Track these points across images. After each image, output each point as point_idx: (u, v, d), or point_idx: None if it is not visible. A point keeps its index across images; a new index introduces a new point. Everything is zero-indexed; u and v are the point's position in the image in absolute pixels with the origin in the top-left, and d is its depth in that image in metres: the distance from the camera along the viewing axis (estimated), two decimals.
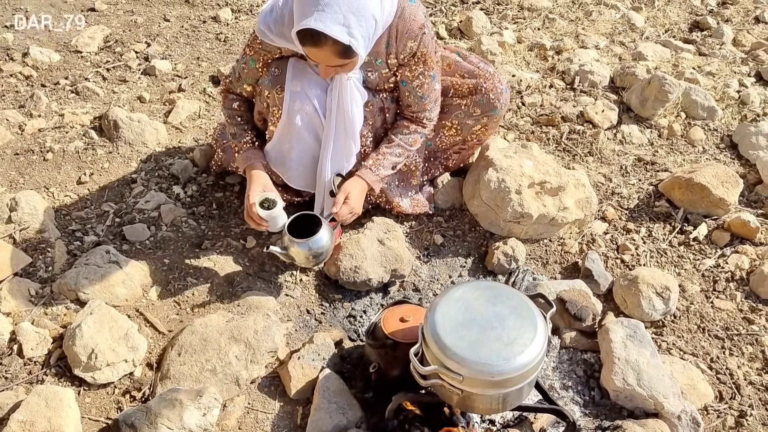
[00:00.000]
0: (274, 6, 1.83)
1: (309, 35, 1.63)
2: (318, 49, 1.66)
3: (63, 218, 2.21)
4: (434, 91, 2.05)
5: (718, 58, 3.17)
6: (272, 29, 1.81)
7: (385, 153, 2.06)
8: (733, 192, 2.36)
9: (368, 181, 2.04)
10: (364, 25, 1.65)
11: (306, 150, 2.06)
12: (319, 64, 1.74)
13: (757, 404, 1.87)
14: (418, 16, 1.86)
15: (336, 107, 1.95)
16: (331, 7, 1.59)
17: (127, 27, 3.25)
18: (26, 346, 1.72)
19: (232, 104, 2.08)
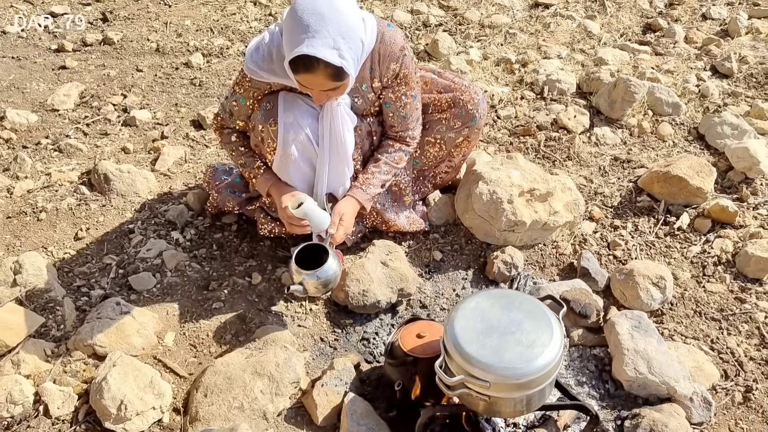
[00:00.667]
0: (260, 44, 1.90)
1: (302, 62, 1.70)
2: (312, 75, 1.73)
3: (66, 275, 2.21)
4: (416, 110, 2.14)
5: (673, 56, 3.34)
6: (261, 66, 1.88)
7: (373, 172, 2.13)
8: (709, 180, 2.49)
9: (359, 200, 2.10)
10: (352, 47, 1.74)
11: (303, 179, 2.11)
12: (313, 90, 1.81)
13: (761, 378, 1.96)
14: (397, 39, 1.96)
15: (328, 133, 2.02)
16: (321, 33, 1.67)
17: (101, 81, 3.28)
18: (52, 405, 1.72)
19: (230, 138, 2.13)
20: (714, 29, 3.56)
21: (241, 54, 3.46)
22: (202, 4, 3.91)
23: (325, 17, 1.67)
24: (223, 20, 3.76)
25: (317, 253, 1.96)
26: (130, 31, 3.67)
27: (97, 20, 3.78)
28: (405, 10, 3.80)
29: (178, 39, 3.60)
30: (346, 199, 2.10)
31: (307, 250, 1.98)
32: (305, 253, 1.97)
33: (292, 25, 1.70)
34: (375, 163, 2.14)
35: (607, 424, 1.83)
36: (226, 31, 3.66)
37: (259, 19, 3.77)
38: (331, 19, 1.68)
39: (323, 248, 1.97)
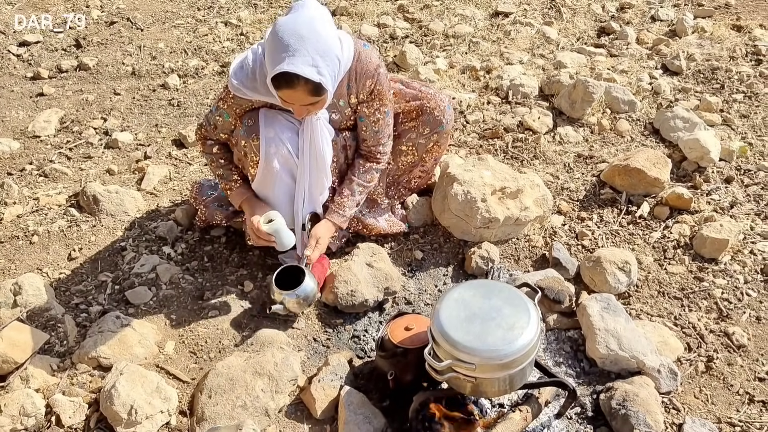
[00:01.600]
0: (243, 63, 2.02)
1: (283, 78, 1.82)
2: (292, 90, 1.86)
3: (63, 294, 2.30)
4: (388, 127, 2.27)
5: (627, 57, 3.55)
6: (245, 84, 2.00)
7: (347, 195, 2.27)
8: (665, 171, 2.68)
9: (336, 223, 2.26)
10: (330, 64, 1.87)
11: (285, 190, 2.24)
12: (294, 105, 1.94)
13: (720, 348, 2.14)
14: (373, 58, 2.10)
15: (308, 146, 2.15)
16: (300, 52, 1.80)
17: (80, 106, 3.36)
18: (63, 415, 1.81)
19: (212, 149, 2.24)
20: (663, 30, 3.79)
21: (216, 74, 3.57)
22: (174, 27, 4.01)
23: (304, 37, 1.81)
24: (196, 41, 3.86)
25: (295, 274, 2.14)
26: (104, 56, 3.75)
27: (71, 47, 3.85)
28: (372, 24, 3.96)
29: (153, 62, 3.69)
30: (323, 222, 2.26)
31: (285, 272, 2.16)
32: (284, 275, 2.15)
33: (273, 44, 1.83)
34: (349, 184, 2.28)
35: (584, 399, 1.99)
36: (200, 52, 3.77)
37: (231, 39, 3.88)
38: (310, 38, 1.81)
39: (300, 269, 2.15)
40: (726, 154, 2.82)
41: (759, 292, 2.30)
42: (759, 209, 2.60)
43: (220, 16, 4.12)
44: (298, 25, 1.81)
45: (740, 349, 2.13)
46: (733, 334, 2.17)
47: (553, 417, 1.95)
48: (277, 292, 2.12)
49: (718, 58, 3.46)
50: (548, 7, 4.06)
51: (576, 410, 1.97)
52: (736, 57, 3.46)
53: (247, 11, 4.15)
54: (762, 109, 3.11)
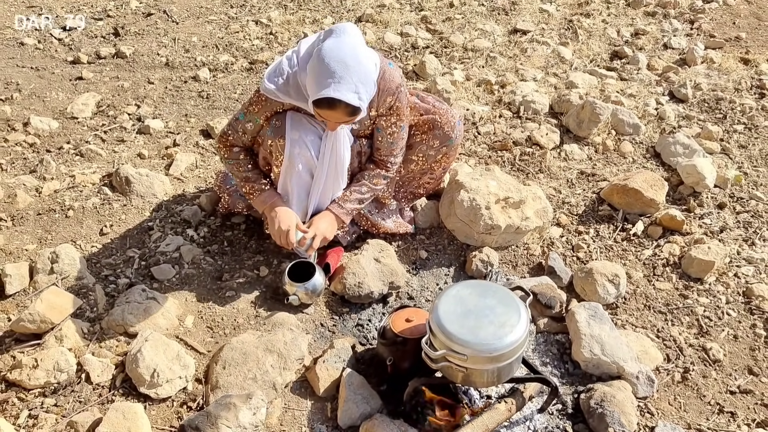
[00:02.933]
0: (278, 68, 2.18)
1: (326, 102, 2.00)
2: (332, 111, 2.04)
3: (94, 266, 2.49)
4: (401, 140, 2.44)
5: (636, 82, 3.71)
6: (279, 88, 2.16)
7: (352, 191, 2.45)
8: (661, 193, 2.84)
9: (336, 213, 2.42)
10: (369, 90, 2.06)
11: (303, 186, 2.42)
12: (329, 121, 2.12)
13: (697, 362, 2.30)
14: (395, 77, 2.27)
15: (329, 151, 2.33)
16: (345, 79, 1.98)
17: (116, 92, 3.56)
18: (93, 373, 2.00)
19: (239, 156, 2.38)
20: (674, 58, 3.94)
21: (245, 70, 3.77)
22: (207, 22, 4.22)
23: (348, 66, 1.98)
24: (228, 38, 4.06)
25: (305, 267, 2.38)
26: (140, 45, 3.96)
27: (110, 35, 4.06)
28: (395, 33, 4.14)
29: (186, 54, 3.89)
30: (323, 213, 2.43)
31: (296, 266, 2.38)
32: (295, 268, 2.38)
33: (319, 69, 2.00)
34: (356, 183, 2.46)
35: (566, 397, 2.16)
36: (230, 48, 3.96)
37: (260, 37, 4.08)
38: (354, 67, 1.99)
39: (310, 263, 2.38)
40: (721, 181, 2.97)
41: (739, 313, 2.46)
42: (747, 236, 2.76)
43: (251, 14, 4.32)
44: (343, 52, 1.99)
45: (716, 364, 2.30)
46: (711, 349, 2.33)
47: (536, 411, 2.12)
48: (289, 284, 2.34)
49: (724, 89, 3.61)
50: (565, 28, 4.23)
51: (557, 407, 2.14)
52: (741, 89, 3.61)
53: (277, 11, 4.34)
54: (760, 141, 3.27)
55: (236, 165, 2.40)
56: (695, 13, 4.34)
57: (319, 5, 4.45)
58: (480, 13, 4.40)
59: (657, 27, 4.22)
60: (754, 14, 4.38)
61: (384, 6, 4.42)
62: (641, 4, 4.43)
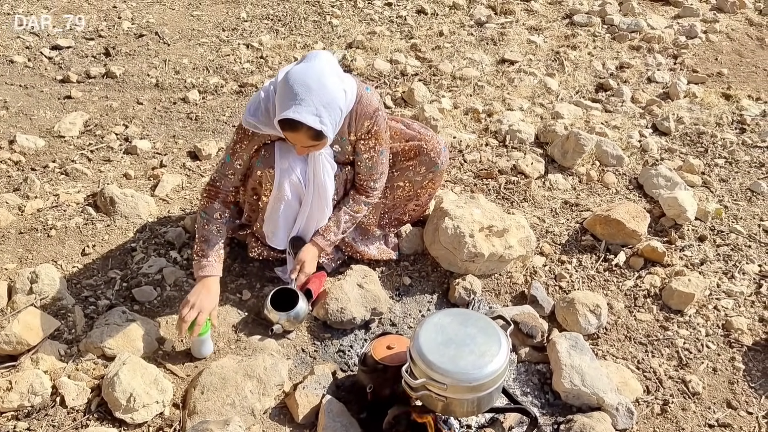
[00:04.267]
0: (257, 102, 2.20)
1: (288, 123, 2.03)
2: (295, 134, 2.07)
3: (75, 287, 2.47)
4: (381, 164, 2.46)
5: (621, 114, 3.78)
6: (260, 120, 2.18)
7: (333, 221, 2.47)
8: (643, 224, 2.87)
9: (319, 245, 2.45)
10: (332, 114, 2.08)
11: (290, 214, 2.43)
12: (296, 145, 2.15)
13: (676, 394, 2.31)
14: (373, 101, 2.30)
15: (312, 177, 2.35)
16: (306, 102, 2.00)
17: (104, 111, 3.57)
18: (68, 396, 1.97)
19: (214, 213, 2.30)
20: (657, 91, 4.02)
21: (234, 93, 3.79)
22: (198, 45, 4.25)
23: (311, 89, 2.01)
24: (218, 60, 4.09)
25: (287, 293, 2.37)
26: (131, 66, 3.98)
27: (100, 54, 4.07)
28: (385, 60, 4.19)
29: (176, 76, 3.91)
30: (307, 245, 2.45)
31: (278, 293, 2.37)
32: (277, 295, 2.37)
33: (283, 91, 2.04)
34: (336, 212, 2.48)
35: (545, 428, 2.15)
36: (221, 71, 3.99)
37: (251, 60, 4.11)
38: (317, 91, 2.01)
39: (292, 289, 2.38)
40: (702, 214, 3.01)
41: (718, 346, 2.48)
42: (726, 268, 2.79)
43: (242, 38, 4.36)
44: (308, 76, 2.02)
45: (695, 396, 2.30)
46: (690, 381, 2.34)
47: None
48: (272, 313, 2.33)
49: (706, 123, 3.68)
50: (552, 59, 4.30)
51: None
52: (722, 124, 3.68)
53: (268, 36, 4.39)
54: (740, 175, 3.32)
55: (206, 220, 2.30)
56: (678, 49, 4.43)
57: (310, 30, 4.50)
58: (469, 42, 4.47)
59: (641, 61, 4.30)
60: (736, 51, 4.48)
61: (374, 33, 4.48)
62: (626, 39, 4.52)
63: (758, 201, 3.18)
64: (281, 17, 4.63)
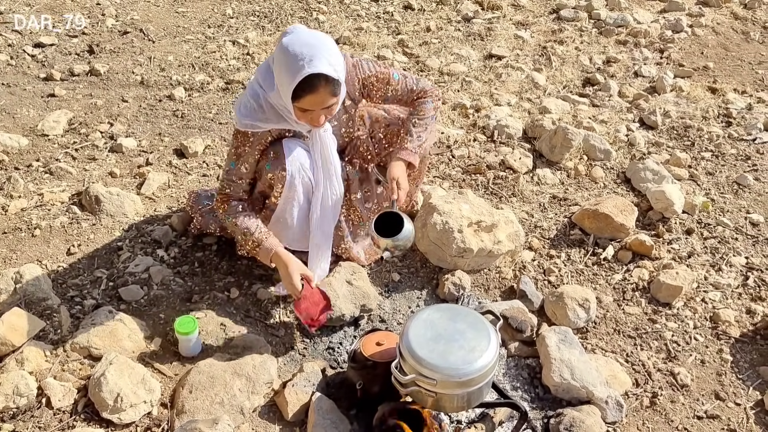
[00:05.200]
0: (244, 102, 2.17)
1: (307, 84, 1.98)
2: (315, 95, 2.01)
3: (60, 286, 2.45)
4: (404, 78, 2.38)
5: (608, 108, 3.78)
6: (255, 118, 2.15)
7: (407, 131, 2.40)
8: (631, 218, 2.88)
9: (405, 159, 2.36)
10: (341, 64, 2.07)
11: (302, 214, 2.40)
12: (313, 113, 2.08)
13: (665, 386, 2.32)
14: (348, 60, 2.26)
15: (320, 157, 2.31)
16: (317, 56, 1.97)
17: (89, 109, 3.53)
18: (54, 398, 1.95)
19: (237, 208, 2.30)
20: (644, 86, 4.03)
21: (220, 90, 3.76)
22: (184, 42, 4.21)
23: (314, 45, 1.99)
24: (204, 57, 4.06)
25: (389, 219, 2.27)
26: (115, 63, 3.93)
27: (84, 52, 4.03)
28: (372, 56, 4.17)
29: (161, 73, 3.88)
30: (393, 164, 2.35)
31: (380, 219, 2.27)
32: (380, 222, 2.27)
33: (286, 59, 1.98)
34: (404, 126, 2.44)
35: (535, 422, 2.15)
36: (207, 68, 3.96)
37: (237, 57, 4.08)
38: (320, 46, 2.00)
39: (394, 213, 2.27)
40: (689, 207, 3.03)
41: (706, 338, 2.49)
42: (714, 261, 2.81)
43: (228, 35, 4.32)
44: (305, 38, 2.01)
45: (683, 389, 2.31)
46: (678, 374, 2.35)
47: None
48: (380, 239, 2.24)
49: (692, 117, 3.69)
50: (539, 54, 4.30)
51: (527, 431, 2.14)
52: (709, 117, 3.70)
53: (254, 32, 4.36)
54: (727, 168, 3.34)
55: (235, 218, 2.29)
56: (665, 43, 4.45)
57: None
58: (456, 38, 4.46)
59: (628, 55, 4.31)
60: (722, 45, 4.50)
61: (361, 29, 4.46)
62: (613, 33, 4.53)
63: (744, 194, 3.19)
64: (267, 13, 4.60)
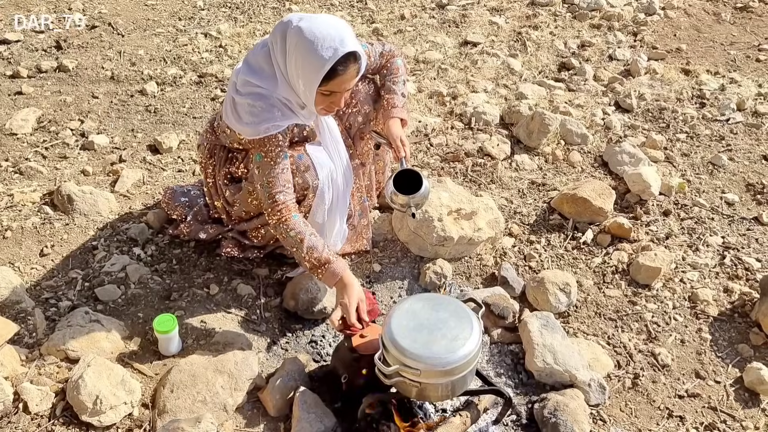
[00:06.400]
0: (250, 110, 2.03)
1: (341, 63, 1.91)
2: (344, 76, 1.95)
3: (34, 289, 2.39)
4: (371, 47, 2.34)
5: (584, 93, 3.79)
6: (273, 118, 2.03)
7: (388, 90, 2.37)
8: (609, 201, 2.90)
9: (398, 116, 2.34)
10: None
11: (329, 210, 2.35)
12: (337, 96, 2.03)
13: (646, 367, 2.34)
14: None
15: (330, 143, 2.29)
16: (347, 36, 1.91)
17: (58, 107, 3.45)
18: (31, 402, 1.91)
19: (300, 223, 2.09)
20: (619, 69, 4.04)
21: (193, 83, 3.69)
22: (154, 35, 4.13)
23: (338, 26, 1.92)
24: (176, 50, 3.99)
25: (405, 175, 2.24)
26: (84, 59, 3.85)
27: (51, 48, 3.93)
28: None
29: (132, 68, 3.80)
30: (390, 123, 2.33)
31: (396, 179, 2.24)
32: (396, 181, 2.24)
33: (313, 42, 1.88)
34: (385, 86, 2.40)
35: (520, 407, 2.16)
36: (179, 61, 3.89)
37: (209, 50, 4.01)
38: (343, 26, 1.94)
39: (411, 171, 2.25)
40: (666, 189, 3.05)
41: (685, 317, 2.52)
42: (691, 241, 2.83)
43: (200, 27, 4.25)
44: (323, 20, 1.92)
45: (664, 369, 2.34)
46: (659, 354, 2.37)
47: (491, 423, 2.12)
48: (399, 197, 2.20)
49: (666, 99, 3.72)
50: (514, 40, 4.29)
51: (512, 417, 2.14)
52: (683, 99, 3.72)
53: (227, 24, 4.29)
54: (702, 149, 3.37)
55: (300, 234, 2.07)
56: (638, 26, 4.46)
57: (270, 17, 4.41)
58: (431, 25, 4.43)
59: (602, 39, 4.32)
60: (694, 26, 4.53)
61: None
62: (587, 17, 4.54)
63: (719, 174, 3.23)
64: (239, 4, 4.53)
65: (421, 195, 2.24)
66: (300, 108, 2.11)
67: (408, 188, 2.23)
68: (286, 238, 2.10)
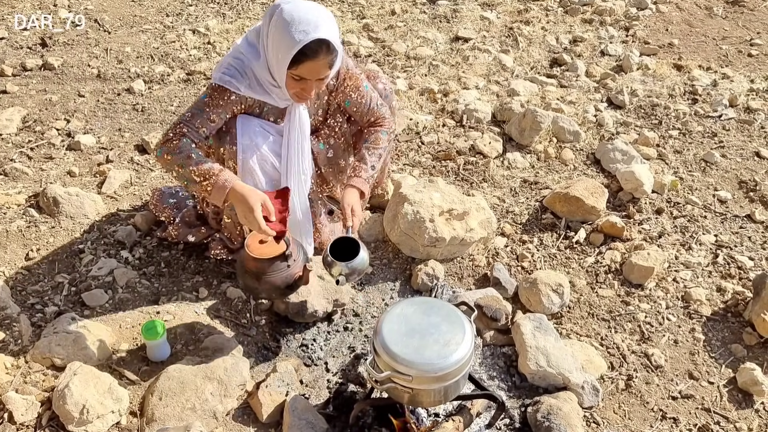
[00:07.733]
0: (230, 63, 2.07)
1: (311, 49, 1.91)
2: (314, 62, 1.95)
3: (19, 294, 2.35)
4: (372, 96, 2.36)
5: (576, 89, 3.77)
6: (239, 80, 2.06)
7: (360, 158, 2.33)
8: (601, 200, 2.88)
9: (357, 187, 2.27)
10: (339, 39, 2.01)
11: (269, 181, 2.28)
12: (308, 83, 2.02)
13: (640, 368, 2.33)
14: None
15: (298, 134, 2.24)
16: (323, 25, 1.92)
17: (43, 106, 3.39)
18: (16, 412, 1.87)
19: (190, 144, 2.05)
20: (611, 64, 4.02)
21: (182, 81, 3.64)
22: (141, 32, 4.07)
23: (319, 15, 1.94)
24: (163, 48, 3.93)
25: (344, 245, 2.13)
26: (70, 56, 3.79)
27: (36, 45, 3.87)
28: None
29: (119, 65, 3.74)
30: (346, 191, 2.27)
31: (335, 246, 2.14)
32: (335, 248, 2.13)
33: (289, 23, 1.91)
34: (358, 153, 2.37)
35: (513, 411, 2.15)
36: (166, 59, 3.83)
37: (198, 47, 3.96)
38: (325, 16, 1.95)
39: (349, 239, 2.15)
40: (658, 186, 3.04)
41: (678, 317, 2.51)
42: (684, 240, 2.82)
43: (188, 23, 4.19)
44: (307, 6, 1.94)
45: (657, 370, 2.33)
46: (653, 355, 2.36)
47: (484, 427, 2.10)
48: (333, 264, 2.09)
49: (659, 95, 3.70)
50: (506, 36, 4.26)
51: (505, 421, 2.12)
52: (675, 95, 3.71)
53: (215, 20, 4.23)
54: (694, 146, 3.36)
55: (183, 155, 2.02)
56: (630, 21, 4.44)
57: (258, 13, 4.36)
58: (422, 21, 4.39)
59: (594, 34, 4.30)
60: (686, 21, 4.51)
61: None
62: (578, 12, 4.51)
63: (712, 171, 3.22)
64: (227, 0, 4.47)
65: (357, 264, 2.10)
66: (273, 87, 2.10)
67: (346, 256, 2.12)
68: (174, 157, 2.02)
